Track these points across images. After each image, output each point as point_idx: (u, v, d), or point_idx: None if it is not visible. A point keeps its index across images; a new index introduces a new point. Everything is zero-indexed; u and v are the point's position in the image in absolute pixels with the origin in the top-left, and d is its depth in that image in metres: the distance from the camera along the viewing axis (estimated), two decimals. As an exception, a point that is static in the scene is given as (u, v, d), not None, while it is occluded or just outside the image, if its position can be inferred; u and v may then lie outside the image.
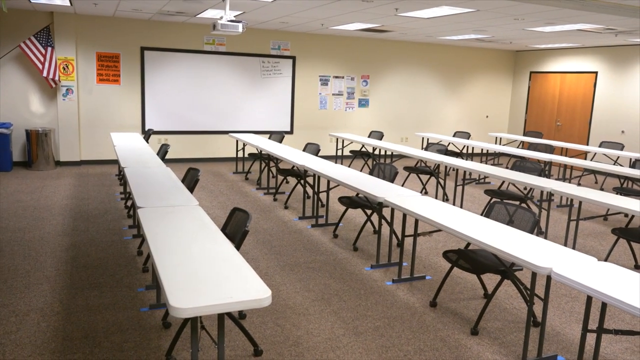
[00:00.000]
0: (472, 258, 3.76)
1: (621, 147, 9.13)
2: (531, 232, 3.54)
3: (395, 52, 11.46)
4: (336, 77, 11.02)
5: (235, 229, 3.28)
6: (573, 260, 2.91)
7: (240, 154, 10.23)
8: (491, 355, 3.23)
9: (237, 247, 3.05)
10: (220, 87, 10.08)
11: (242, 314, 3.61)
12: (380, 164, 5.66)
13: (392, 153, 8.39)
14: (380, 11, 7.18)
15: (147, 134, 8.30)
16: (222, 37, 9.92)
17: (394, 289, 4.20)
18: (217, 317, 3.12)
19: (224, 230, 3.37)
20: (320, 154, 10.85)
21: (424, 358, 3.15)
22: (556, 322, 3.75)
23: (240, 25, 6.19)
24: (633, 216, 6.31)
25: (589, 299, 2.79)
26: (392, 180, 5.24)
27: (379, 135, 9.53)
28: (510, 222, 3.83)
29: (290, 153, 6.86)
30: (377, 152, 10.11)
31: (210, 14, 8.17)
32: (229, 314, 3.12)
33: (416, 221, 4.24)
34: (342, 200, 5.34)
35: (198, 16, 8.51)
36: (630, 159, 7.47)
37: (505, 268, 3.45)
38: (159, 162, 5.61)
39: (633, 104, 10.10)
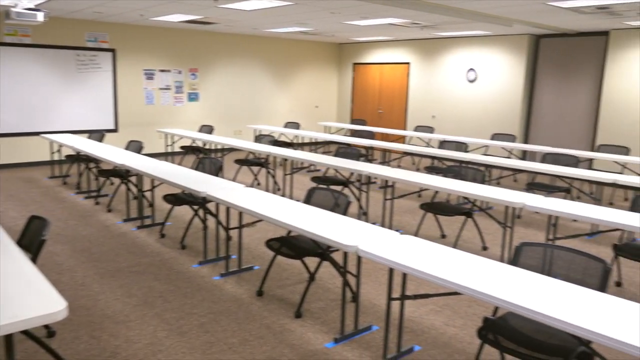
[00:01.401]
0: (293, 244, 3.87)
1: (432, 130, 10.14)
2: (344, 213, 3.74)
3: (224, 45, 11.34)
4: (162, 70, 10.57)
5: (31, 239, 2.96)
6: (379, 236, 3.13)
7: (56, 157, 9.32)
8: (313, 334, 3.37)
9: (34, 259, 2.76)
10: (29, 83, 9.06)
11: (50, 332, 3.29)
12: (206, 158, 5.56)
13: (222, 147, 8.29)
14: (199, 2, 7.02)
15: None
16: (25, 27, 8.91)
17: (222, 283, 4.17)
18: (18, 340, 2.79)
19: (20, 242, 3.03)
20: (150, 151, 10.37)
21: (248, 348, 3.17)
22: (373, 294, 4.03)
23: (40, 14, 5.62)
24: (437, 192, 7.03)
25: (392, 270, 3.03)
26: (216, 174, 5.18)
27: (209, 130, 9.38)
28: (336, 206, 4.00)
29: (111, 152, 6.43)
30: (208, 146, 9.94)
31: (7, 1, 7.26)
32: (29, 334, 2.81)
33: (240, 213, 4.24)
34: (167, 198, 5.15)
35: (-8, 3, 7.52)
36: (439, 141, 8.32)
37: (322, 250, 3.61)
38: (-54, 170, 4.86)
39: (441, 92, 11.27)
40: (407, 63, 11.88)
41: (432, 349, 3.26)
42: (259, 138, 8.24)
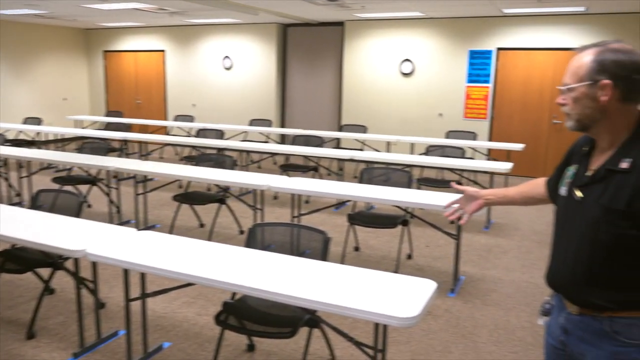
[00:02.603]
0: (21, 257, 3.41)
1: (192, 119, 10.01)
2: (77, 215, 3.42)
3: None
4: None
5: None
6: (113, 236, 2.93)
7: None
8: (48, 354, 3.02)
9: None
10: None
11: None
12: None
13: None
14: None
15: None
16: None
17: None
18: None
19: None
20: None
21: (-38, 387, 2.70)
22: (122, 298, 3.80)
23: None
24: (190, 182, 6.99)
25: (127, 270, 2.86)
26: None
27: None
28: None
29: None
30: None
31: None
32: None
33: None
34: None
35: None
36: (198, 130, 8.23)
37: (53, 260, 3.25)
38: None
39: (199, 80, 11.17)
40: (163, 51, 11.48)
41: (183, 342, 3.21)
42: (-13, 138, 7.07)
